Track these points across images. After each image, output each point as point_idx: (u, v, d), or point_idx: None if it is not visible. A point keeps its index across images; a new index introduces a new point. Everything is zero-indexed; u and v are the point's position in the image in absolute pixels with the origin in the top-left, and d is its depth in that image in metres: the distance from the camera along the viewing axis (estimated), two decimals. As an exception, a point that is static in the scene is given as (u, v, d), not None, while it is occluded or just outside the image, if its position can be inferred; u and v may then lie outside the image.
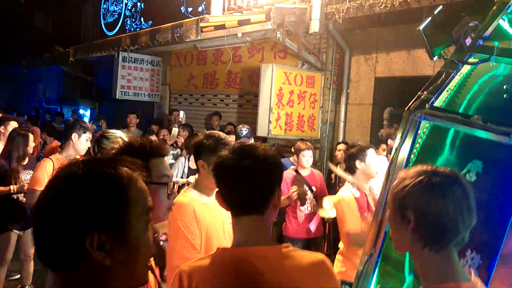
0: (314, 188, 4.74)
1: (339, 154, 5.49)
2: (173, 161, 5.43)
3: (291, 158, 5.45)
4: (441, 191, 1.23)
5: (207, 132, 2.48)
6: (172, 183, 1.63)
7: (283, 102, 6.14)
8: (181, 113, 7.18)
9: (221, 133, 2.45)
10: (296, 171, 4.82)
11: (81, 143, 3.31)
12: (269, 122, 5.99)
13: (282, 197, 4.56)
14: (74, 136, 3.31)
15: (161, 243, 2.61)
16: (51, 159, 3.40)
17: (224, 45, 6.69)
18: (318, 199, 4.75)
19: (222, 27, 6.29)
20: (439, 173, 1.26)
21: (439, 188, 1.23)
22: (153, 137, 5.42)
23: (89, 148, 3.33)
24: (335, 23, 5.97)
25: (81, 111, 12.65)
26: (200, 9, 7.55)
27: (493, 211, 1.83)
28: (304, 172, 4.77)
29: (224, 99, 8.21)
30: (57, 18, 13.73)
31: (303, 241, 4.76)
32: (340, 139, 6.22)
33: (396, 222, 1.29)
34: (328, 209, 4.32)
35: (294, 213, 4.71)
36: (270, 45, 7.08)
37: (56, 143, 5.69)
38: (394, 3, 5.14)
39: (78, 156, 3.43)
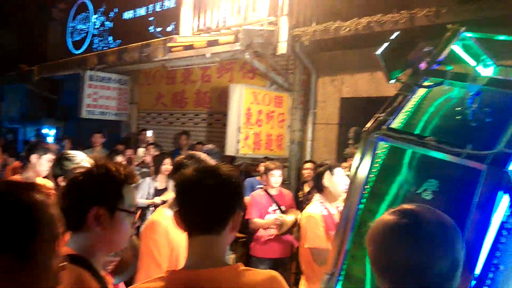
0: (283, 208, 4.76)
1: (306, 172, 5.55)
2: (140, 180, 5.35)
3: (257, 177, 5.47)
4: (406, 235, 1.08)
5: (190, 152, 2.50)
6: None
7: (251, 121, 6.19)
8: (149, 133, 7.12)
9: (202, 154, 2.46)
10: (265, 190, 4.83)
11: (41, 164, 3.22)
12: (238, 141, 6.01)
13: (261, 222, 4.58)
14: (35, 157, 3.21)
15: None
16: (10, 180, 3.28)
17: (193, 65, 6.72)
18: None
19: (190, 47, 6.34)
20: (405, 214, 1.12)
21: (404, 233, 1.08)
22: (119, 157, 5.33)
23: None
24: (301, 45, 6.12)
25: (46, 131, 12.33)
26: (169, 29, 7.58)
27: (448, 229, 1.90)
28: (273, 192, 4.79)
29: (193, 118, 8.20)
30: (23, 36, 13.44)
31: (270, 261, 4.75)
32: (308, 158, 6.30)
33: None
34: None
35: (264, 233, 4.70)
36: (239, 65, 7.16)
37: (16, 163, 5.51)
38: (358, 27, 5.33)
39: (39, 178, 3.33)
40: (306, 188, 5.49)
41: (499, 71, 2.64)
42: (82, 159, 2.49)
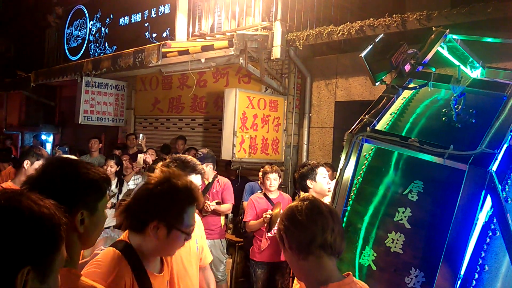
0: (281, 212, 4.72)
1: (302, 176, 5.56)
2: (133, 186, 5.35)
3: (259, 182, 5.46)
4: None
5: (175, 155, 2.48)
6: None
7: (247, 125, 6.20)
8: (141, 136, 7.05)
9: (188, 156, 2.45)
10: (265, 194, 4.81)
11: (33, 170, 3.23)
12: (233, 145, 6.02)
13: (254, 222, 4.55)
14: (27, 163, 3.23)
15: None
16: (2, 186, 3.29)
17: (189, 70, 6.74)
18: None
19: (185, 52, 6.35)
20: None
21: None
22: (111, 163, 5.35)
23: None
24: (296, 49, 6.14)
25: (44, 137, 12.34)
26: (164, 34, 7.60)
27: (433, 230, 1.90)
28: (272, 195, 4.77)
29: (190, 123, 8.21)
30: (20, 43, 13.49)
31: (268, 265, 4.74)
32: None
33: None
34: None
35: (261, 237, 4.69)
36: (235, 70, 7.18)
37: (10, 169, 5.53)
38: (351, 31, 5.35)
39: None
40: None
41: (486, 73, 2.66)
42: None
